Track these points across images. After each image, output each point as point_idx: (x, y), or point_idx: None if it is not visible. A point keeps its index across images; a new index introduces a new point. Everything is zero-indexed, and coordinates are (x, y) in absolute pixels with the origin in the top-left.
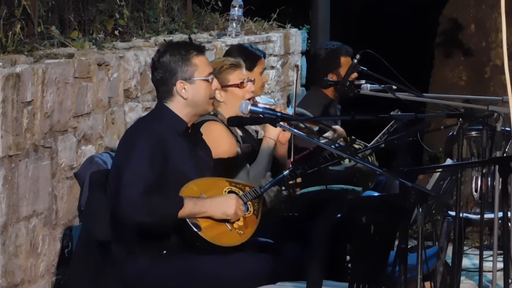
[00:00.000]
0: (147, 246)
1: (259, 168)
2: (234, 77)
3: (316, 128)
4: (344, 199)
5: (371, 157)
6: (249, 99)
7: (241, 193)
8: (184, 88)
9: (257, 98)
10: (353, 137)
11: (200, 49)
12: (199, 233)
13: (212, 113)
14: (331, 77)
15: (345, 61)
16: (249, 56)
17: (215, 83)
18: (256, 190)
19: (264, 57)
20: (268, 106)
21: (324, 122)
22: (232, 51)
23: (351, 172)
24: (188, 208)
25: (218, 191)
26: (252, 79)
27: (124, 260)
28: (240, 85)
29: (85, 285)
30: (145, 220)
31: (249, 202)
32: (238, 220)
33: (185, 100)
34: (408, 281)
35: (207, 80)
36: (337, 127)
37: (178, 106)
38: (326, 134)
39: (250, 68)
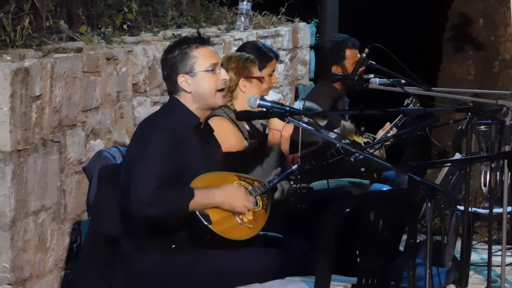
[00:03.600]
0: (156, 241)
1: (271, 160)
2: (255, 70)
3: (324, 122)
4: (353, 193)
5: (380, 150)
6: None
7: (250, 187)
8: (187, 82)
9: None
10: (362, 128)
11: (202, 41)
12: (210, 226)
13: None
14: (336, 69)
15: (350, 54)
16: (261, 56)
17: (223, 73)
18: (264, 185)
19: (277, 58)
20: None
21: (332, 118)
22: (246, 47)
23: (358, 164)
24: (198, 199)
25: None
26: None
27: (132, 255)
28: (262, 79)
29: (93, 280)
30: (157, 213)
31: (258, 197)
32: (248, 214)
33: (190, 93)
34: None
35: (210, 71)
36: (346, 123)
37: (187, 100)
38: (336, 130)
39: (260, 68)
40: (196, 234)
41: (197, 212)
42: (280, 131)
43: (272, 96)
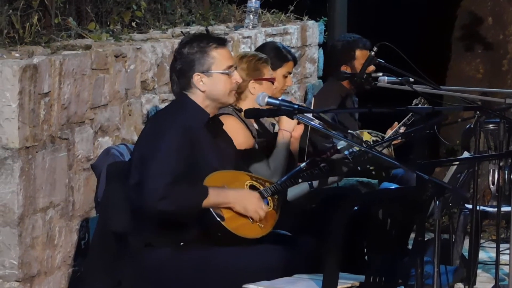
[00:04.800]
0: (165, 237)
1: (278, 160)
2: (267, 71)
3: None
4: (361, 192)
5: (389, 149)
6: None
7: (261, 187)
8: (202, 81)
9: None
10: (373, 138)
11: (221, 42)
12: (223, 223)
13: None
14: (345, 69)
15: (360, 54)
16: (278, 55)
17: (236, 76)
18: (276, 186)
19: (295, 62)
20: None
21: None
22: (265, 47)
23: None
24: (212, 197)
25: (240, 184)
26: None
27: (141, 251)
28: (273, 80)
29: (101, 276)
30: (170, 208)
31: (269, 198)
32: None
33: (203, 92)
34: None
35: (226, 74)
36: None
37: (199, 98)
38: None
39: (274, 67)
40: (208, 230)
41: (211, 209)
42: (290, 132)
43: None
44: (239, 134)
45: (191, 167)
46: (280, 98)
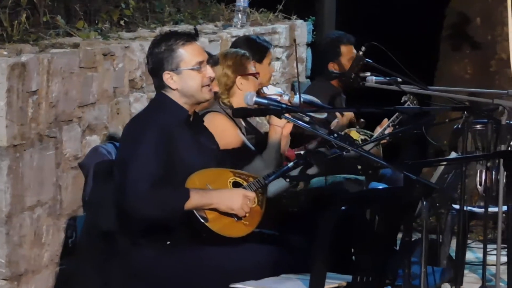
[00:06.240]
0: (151, 237)
1: (271, 154)
2: (250, 66)
3: (324, 115)
4: (349, 190)
5: (377, 148)
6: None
7: (245, 183)
8: (172, 79)
9: (264, 89)
10: (362, 119)
11: (189, 38)
12: (206, 224)
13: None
14: (332, 66)
15: (346, 50)
16: (258, 49)
17: (208, 71)
18: (259, 181)
19: (271, 47)
20: (274, 97)
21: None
22: (239, 43)
23: (355, 162)
24: (195, 200)
25: (223, 181)
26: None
27: (128, 251)
28: (257, 75)
29: (89, 275)
30: (152, 214)
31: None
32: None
33: (175, 90)
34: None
35: (195, 69)
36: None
37: (175, 96)
38: (333, 122)
39: (259, 60)
40: (193, 232)
41: (194, 210)
42: (281, 127)
43: (273, 90)
44: (228, 132)
45: (171, 167)
46: (268, 97)
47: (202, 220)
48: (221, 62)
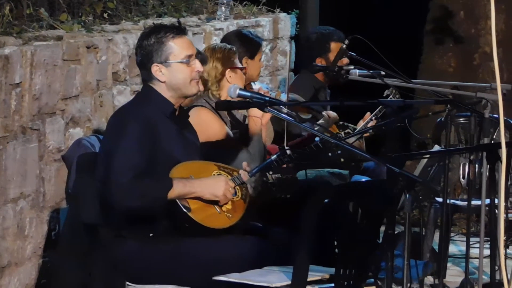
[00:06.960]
0: (134, 229)
1: (255, 146)
2: (237, 60)
3: (309, 116)
4: (332, 184)
5: (360, 141)
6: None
7: (229, 177)
8: (161, 71)
9: (253, 84)
10: (341, 123)
11: (179, 31)
12: (189, 214)
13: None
14: (319, 61)
15: (335, 47)
16: (251, 44)
17: (197, 64)
18: None
19: (262, 43)
20: (257, 91)
21: (314, 108)
22: (231, 37)
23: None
24: (178, 189)
25: (207, 174)
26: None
27: (111, 243)
28: (245, 70)
29: (72, 268)
30: (136, 204)
31: (237, 187)
32: (227, 203)
33: (163, 83)
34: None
35: (184, 63)
36: (330, 112)
37: (162, 89)
38: (320, 121)
39: (251, 56)
40: (176, 222)
41: (177, 200)
42: (260, 118)
43: (258, 84)
44: (213, 126)
45: (155, 159)
46: (251, 90)
47: (184, 210)
48: (210, 55)
